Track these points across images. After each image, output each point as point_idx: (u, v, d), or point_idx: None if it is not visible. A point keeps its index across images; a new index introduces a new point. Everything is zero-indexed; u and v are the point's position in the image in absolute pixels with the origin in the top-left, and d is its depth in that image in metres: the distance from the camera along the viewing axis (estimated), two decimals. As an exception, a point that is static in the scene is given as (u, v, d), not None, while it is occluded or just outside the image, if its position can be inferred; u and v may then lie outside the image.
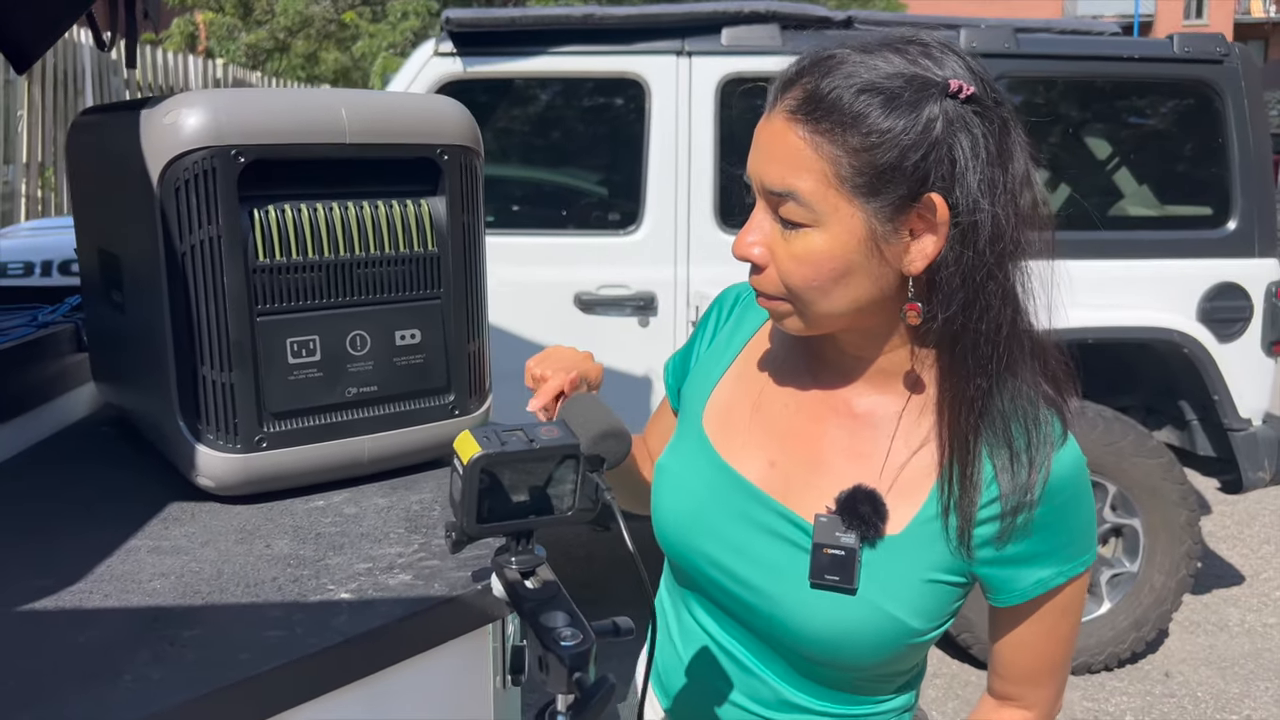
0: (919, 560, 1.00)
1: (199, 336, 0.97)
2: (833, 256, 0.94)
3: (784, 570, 1.02)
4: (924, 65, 0.91)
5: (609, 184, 3.60)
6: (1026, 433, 0.97)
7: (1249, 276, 3.40)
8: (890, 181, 0.91)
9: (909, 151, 0.90)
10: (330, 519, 0.99)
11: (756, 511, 1.04)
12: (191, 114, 0.94)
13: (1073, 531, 1.01)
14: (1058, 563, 1.01)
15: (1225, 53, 3.40)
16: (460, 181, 1.08)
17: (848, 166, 0.91)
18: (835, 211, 0.93)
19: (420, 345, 1.08)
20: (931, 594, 1.00)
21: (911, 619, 0.99)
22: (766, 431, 1.08)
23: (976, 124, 0.91)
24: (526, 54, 3.29)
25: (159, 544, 0.93)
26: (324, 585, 0.84)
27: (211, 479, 1.00)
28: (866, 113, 0.90)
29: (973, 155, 0.91)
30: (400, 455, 1.09)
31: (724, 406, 1.13)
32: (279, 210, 0.99)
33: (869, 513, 0.98)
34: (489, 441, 0.76)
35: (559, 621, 0.75)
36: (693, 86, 3.29)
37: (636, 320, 3.29)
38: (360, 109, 1.01)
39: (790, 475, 1.06)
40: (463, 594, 0.83)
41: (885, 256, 0.94)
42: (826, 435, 1.06)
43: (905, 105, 0.90)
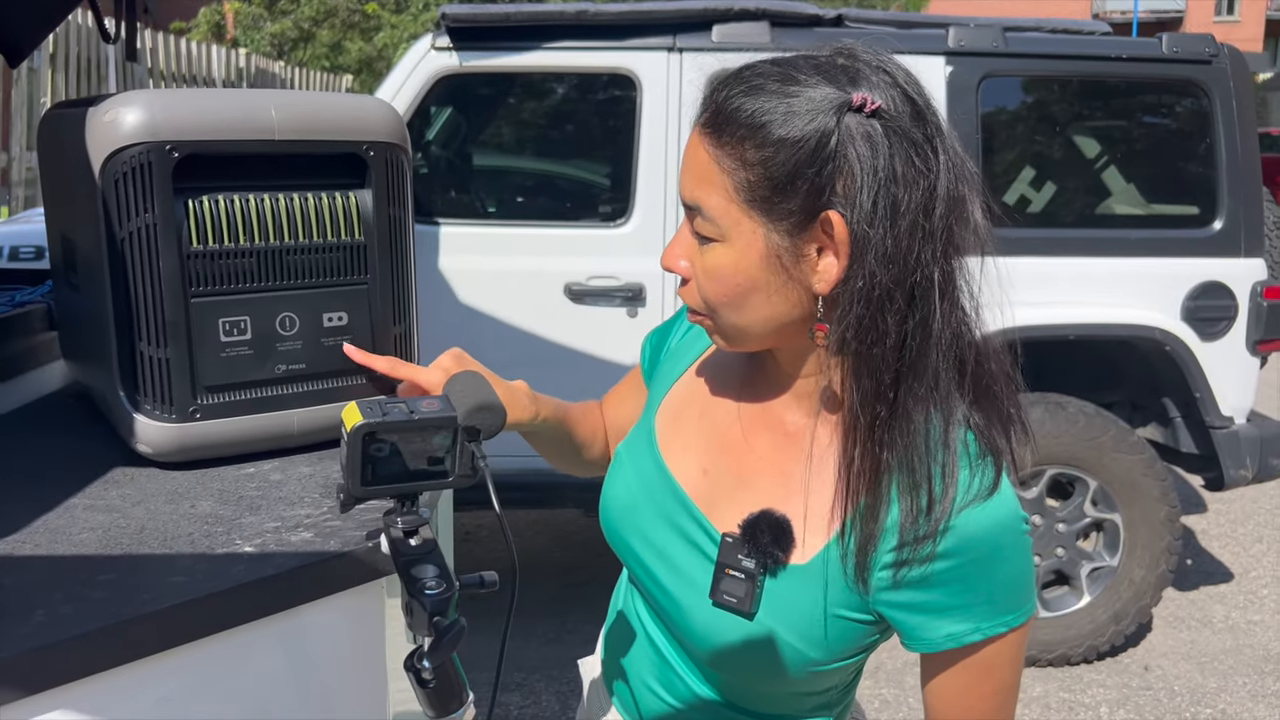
0: (822, 594, 0.97)
1: (137, 316, 1.06)
2: (737, 271, 0.93)
3: (693, 580, 1.02)
4: (838, 80, 0.89)
5: (600, 176, 3.68)
6: (935, 476, 0.93)
7: (1234, 276, 3.43)
8: (785, 196, 0.89)
9: (803, 166, 0.88)
10: (255, 484, 1.08)
11: (680, 517, 1.06)
12: (129, 112, 1.03)
13: (992, 589, 0.96)
14: (974, 619, 0.96)
15: (1214, 53, 3.42)
16: (386, 176, 1.16)
17: (744, 180, 0.90)
18: (737, 226, 0.92)
19: (347, 327, 1.16)
20: (833, 628, 0.98)
21: (810, 649, 0.98)
22: (707, 438, 1.08)
23: (880, 140, 0.88)
24: (521, 49, 3.37)
25: (94, 502, 1.02)
26: (232, 540, 0.93)
27: (149, 446, 1.09)
28: (763, 123, 0.88)
29: (870, 173, 0.88)
30: (328, 428, 1.17)
31: (676, 406, 1.14)
32: (212, 200, 1.08)
33: (768, 542, 0.97)
34: (371, 412, 0.85)
35: (428, 574, 0.83)
36: (684, 82, 3.36)
37: (625, 311, 3.37)
38: (289, 108, 1.10)
39: (718, 486, 1.06)
40: (354, 550, 0.91)
41: (791, 275, 0.93)
42: (756, 450, 1.05)
43: (802, 116, 0.88)
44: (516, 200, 3.61)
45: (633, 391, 1.30)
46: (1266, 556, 4.32)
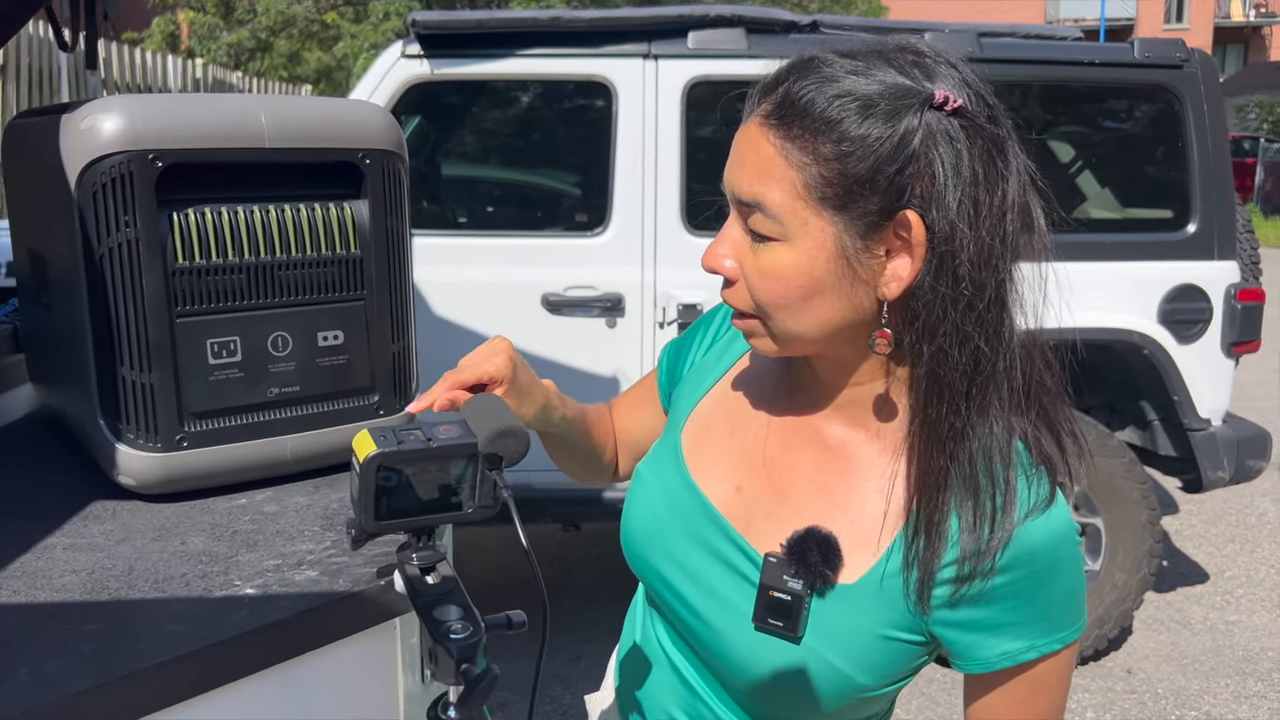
0: (872, 614, 0.93)
1: (118, 338, 0.98)
2: (800, 273, 0.88)
3: (732, 605, 0.97)
4: (913, 75, 0.85)
5: (576, 185, 3.62)
6: (995, 488, 0.89)
7: (1209, 279, 3.44)
8: (862, 194, 0.84)
9: (884, 163, 0.83)
10: (249, 517, 1.00)
11: (714, 537, 1.00)
12: (108, 119, 0.96)
13: (1048, 604, 0.93)
14: (1029, 636, 0.93)
15: (1185, 58, 3.44)
16: (383, 185, 1.09)
17: (818, 177, 0.85)
18: (804, 225, 0.87)
19: (343, 346, 1.09)
20: (883, 650, 0.94)
21: (858, 674, 0.94)
22: (739, 455, 1.03)
23: (962, 140, 0.84)
24: (494, 56, 3.31)
25: (75, 541, 0.94)
26: (230, 581, 0.86)
27: (132, 477, 1.01)
28: (841, 118, 0.84)
29: (954, 173, 0.84)
30: (324, 454, 1.10)
31: (703, 423, 1.08)
32: (198, 213, 1.01)
33: (817, 561, 0.92)
34: (385, 440, 0.78)
35: (451, 615, 0.76)
36: (659, 89, 3.31)
37: (604, 321, 3.32)
38: (280, 114, 1.03)
39: (754, 504, 1.01)
40: (365, 589, 0.84)
41: (858, 277, 0.88)
42: (796, 465, 1.00)
43: (882, 114, 0.84)
44: (491, 210, 3.54)
45: (645, 401, 1.24)
46: (1240, 556, 4.35)
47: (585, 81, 3.36)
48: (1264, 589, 4.06)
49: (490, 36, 3.30)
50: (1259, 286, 3.54)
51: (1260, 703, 3.25)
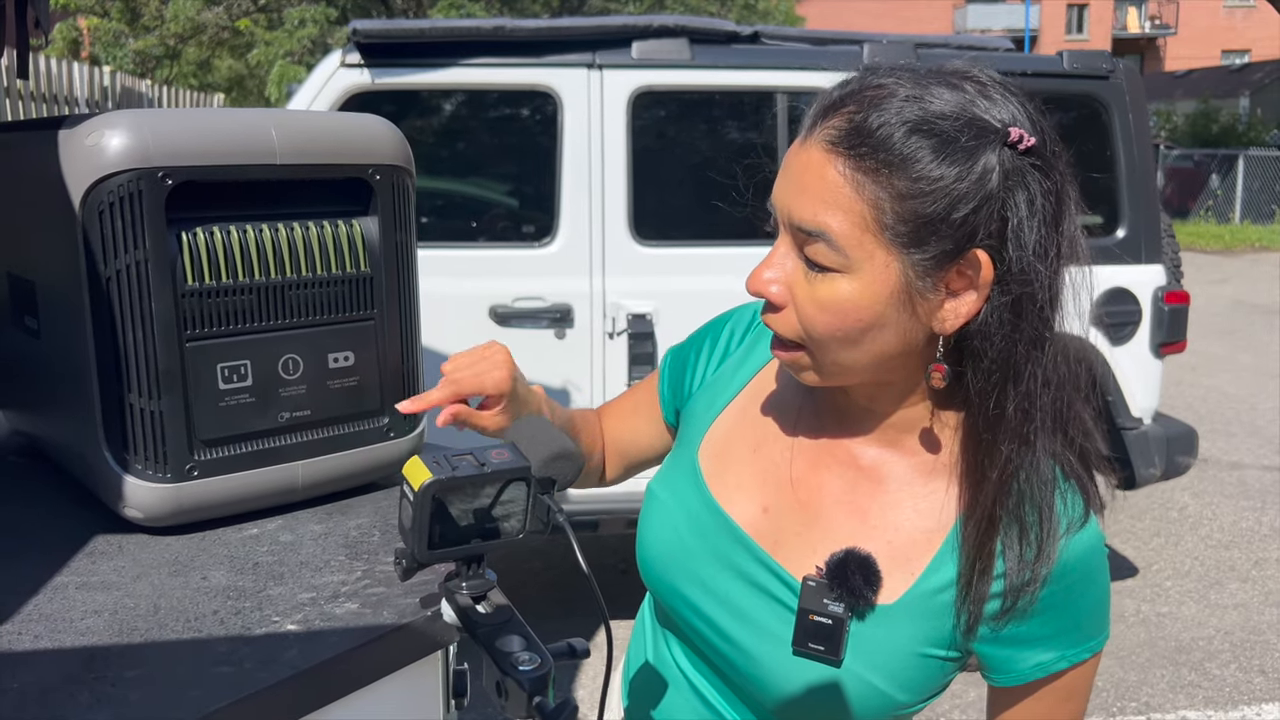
0: (911, 633, 0.93)
1: (126, 364, 0.94)
2: (860, 307, 0.86)
3: (767, 630, 0.96)
4: (981, 106, 0.84)
5: (523, 196, 3.59)
6: (1039, 510, 0.90)
7: (1137, 282, 3.56)
8: (935, 233, 0.84)
9: (959, 203, 0.83)
10: (266, 547, 0.96)
11: (743, 561, 0.99)
12: (115, 135, 0.91)
13: (1080, 615, 0.94)
14: (1061, 646, 0.94)
15: (1111, 69, 3.56)
16: (393, 201, 1.06)
17: (890, 212, 0.84)
18: (870, 259, 0.85)
19: (354, 368, 1.06)
20: (921, 668, 0.94)
21: (898, 693, 0.94)
22: (763, 475, 1.02)
23: (1035, 179, 0.84)
24: (437, 66, 3.26)
25: (87, 580, 0.89)
26: (268, 617, 0.82)
27: (140, 510, 0.96)
28: (917, 155, 0.83)
29: (1029, 214, 0.83)
30: (335, 480, 1.07)
31: (722, 441, 1.07)
32: (207, 233, 0.97)
33: (859, 584, 0.92)
34: (439, 467, 0.76)
35: (515, 646, 0.74)
36: (604, 99, 3.31)
37: (553, 333, 3.29)
38: (291, 129, 0.99)
39: (783, 525, 1.00)
40: (412, 621, 0.82)
41: (917, 312, 0.87)
42: (826, 486, 1.00)
43: (960, 151, 0.82)
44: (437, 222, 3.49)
45: (641, 409, 1.22)
46: (1165, 550, 4.50)
47: (530, 91, 3.34)
48: (1190, 580, 4.22)
49: (432, 46, 3.26)
50: (1183, 289, 3.68)
51: (1195, 691, 3.37)
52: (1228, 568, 4.30)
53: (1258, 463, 5.60)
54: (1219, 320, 9.42)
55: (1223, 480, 5.31)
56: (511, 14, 12.34)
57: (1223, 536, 4.62)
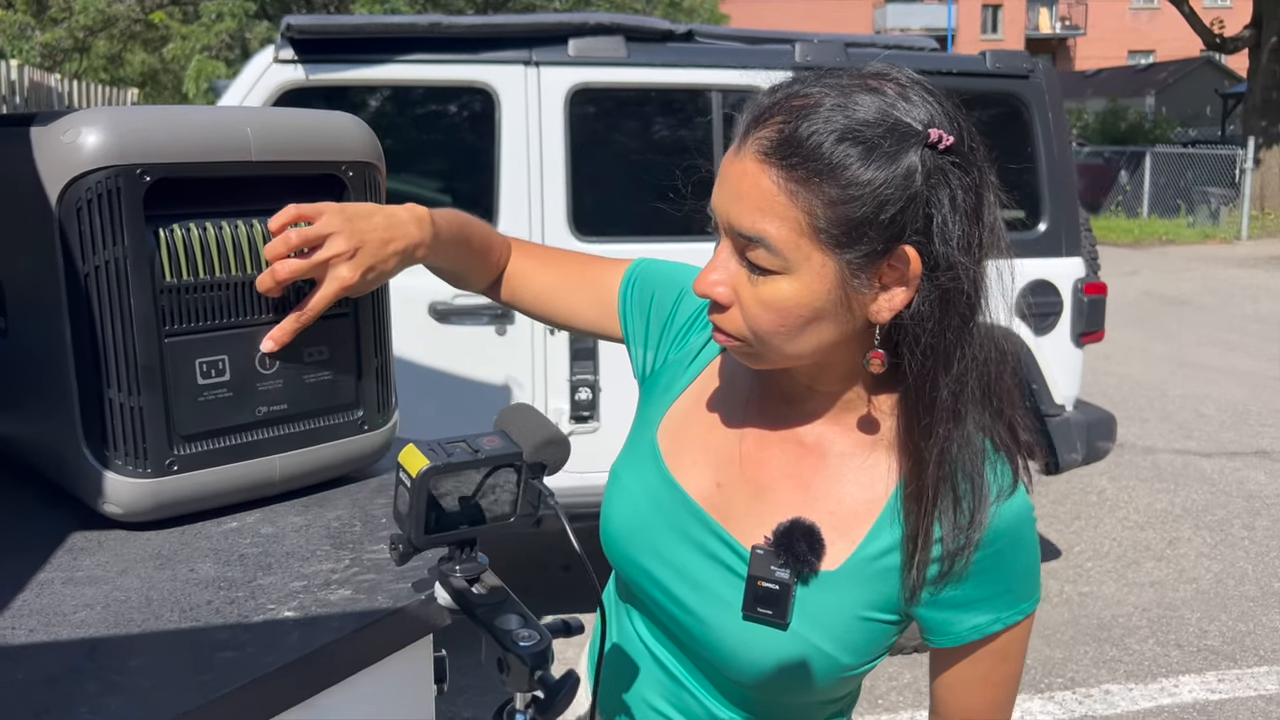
0: (854, 598, 0.99)
1: (105, 360, 0.94)
2: (800, 305, 0.92)
3: (719, 596, 1.01)
4: (902, 109, 0.89)
5: (461, 194, 3.59)
6: (971, 480, 0.96)
7: (1058, 274, 3.70)
8: (866, 234, 0.89)
9: (886, 205, 0.88)
10: (249, 540, 0.98)
11: (698, 532, 1.04)
12: (92, 132, 0.91)
13: (1011, 578, 1.00)
14: (995, 609, 1.00)
15: (1031, 68, 3.69)
16: (365, 198, 1.08)
17: (823, 217, 0.88)
18: (807, 260, 0.90)
19: (328, 362, 1.07)
20: (864, 630, 1.00)
21: (843, 655, 0.99)
22: (716, 452, 1.07)
23: (955, 176, 0.89)
24: (372, 62, 3.24)
25: (71, 575, 0.90)
26: (263, 605, 0.83)
27: (120, 506, 0.97)
28: (845, 163, 0.87)
29: (950, 210, 0.89)
30: (311, 473, 1.08)
31: (680, 422, 1.12)
32: (184, 229, 0.97)
33: (804, 550, 0.97)
34: (435, 454, 0.78)
35: (513, 624, 0.77)
36: (542, 96, 3.32)
37: (494, 329, 3.30)
38: (266, 127, 1.00)
39: (734, 498, 1.05)
40: (407, 605, 0.84)
41: (852, 305, 0.93)
42: (772, 461, 1.05)
43: (884, 156, 0.87)
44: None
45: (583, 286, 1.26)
46: (1085, 532, 4.68)
47: (467, 88, 3.34)
48: (1109, 561, 4.39)
49: (368, 42, 3.24)
50: (1101, 280, 3.83)
51: (1117, 666, 3.52)
52: (1144, 548, 4.49)
53: (1169, 447, 5.84)
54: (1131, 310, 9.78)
55: (1138, 464, 5.54)
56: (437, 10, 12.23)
57: (1139, 518, 4.82)
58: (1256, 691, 3.36)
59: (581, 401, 3.34)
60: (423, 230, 1.10)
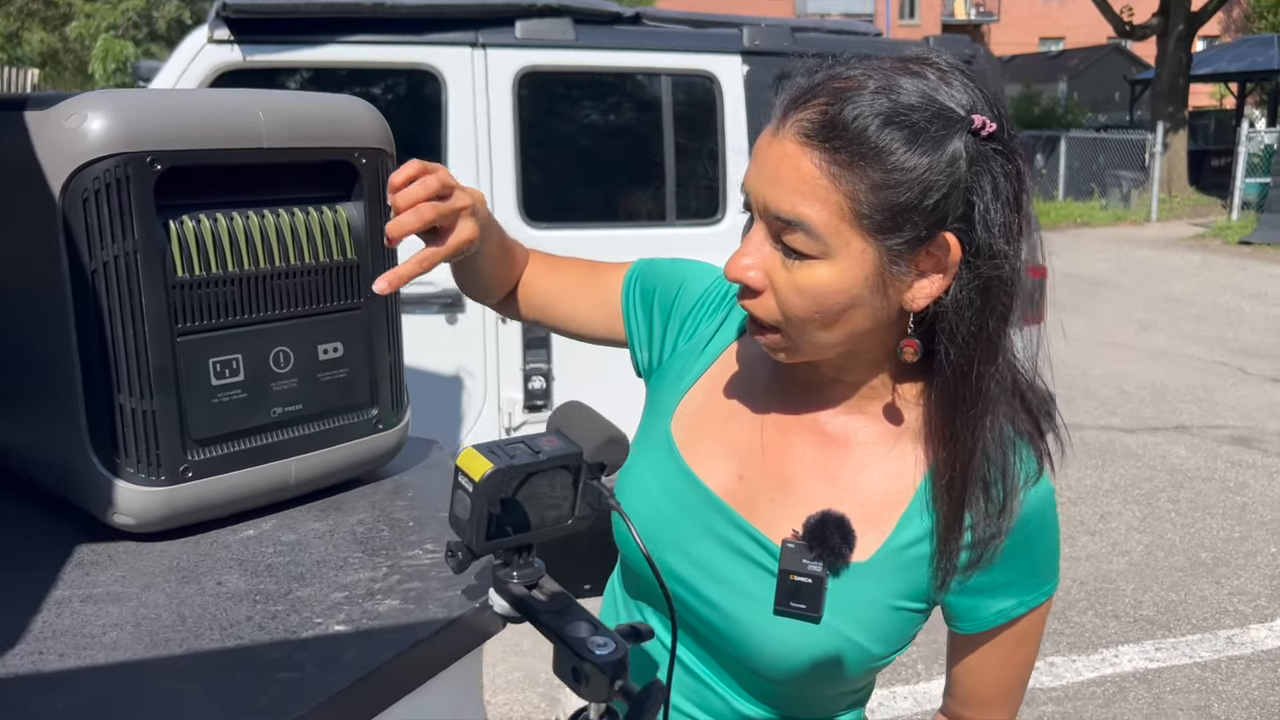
0: (885, 588, 0.98)
1: (115, 362, 0.88)
2: (837, 291, 0.90)
3: (748, 592, 0.99)
4: (944, 94, 0.87)
5: (407, 179, 3.50)
6: (1000, 468, 0.96)
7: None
8: (908, 220, 0.87)
9: (930, 190, 0.86)
10: (271, 548, 0.93)
11: (721, 526, 1.02)
12: (98, 117, 0.85)
13: (1036, 562, 1.01)
14: (1020, 593, 1.00)
15: (972, 54, 3.73)
16: (377, 185, 1.03)
17: (865, 202, 0.87)
18: (846, 246, 0.88)
19: (343, 359, 1.02)
20: (894, 620, 0.99)
21: (874, 645, 0.98)
22: (735, 444, 1.05)
23: (997, 163, 0.88)
24: (312, 43, 3.14)
25: (89, 592, 0.84)
26: (309, 620, 0.79)
27: (132, 516, 0.91)
28: (890, 147, 0.85)
29: (993, 197, 0.88)
30: (326, 475, 1.03)
31: (694, 413, 1.09)
32: (194, 221, 0.91)
33: (838, 542, 0.95)
34: (497, 457, 0.74)
35: (584, 631, 0.74)
36: (489, 79, 3.26)
37: (444, 318, 3.23)
38: (277, 111, 0.95)
39: (757, 491, 1.03)
40: (463, 614, 0.80)
41: (888, 292, 0.91)
42: (796, 453, 1.03)
43: (930, 140, 0.85)
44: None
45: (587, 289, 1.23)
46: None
47: (412, 70, 3.26)
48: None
49: (308, 22, 3.13)
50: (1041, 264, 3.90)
51: (1059, 638, 3.61)
52: (1078, 523, 4.61)
53: (1095, 423, 6.01)
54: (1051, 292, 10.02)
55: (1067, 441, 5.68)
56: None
57: (1071, 494, 4.95)
58: (1191, 659, 3.48)
59: (535, 390, 3.30)
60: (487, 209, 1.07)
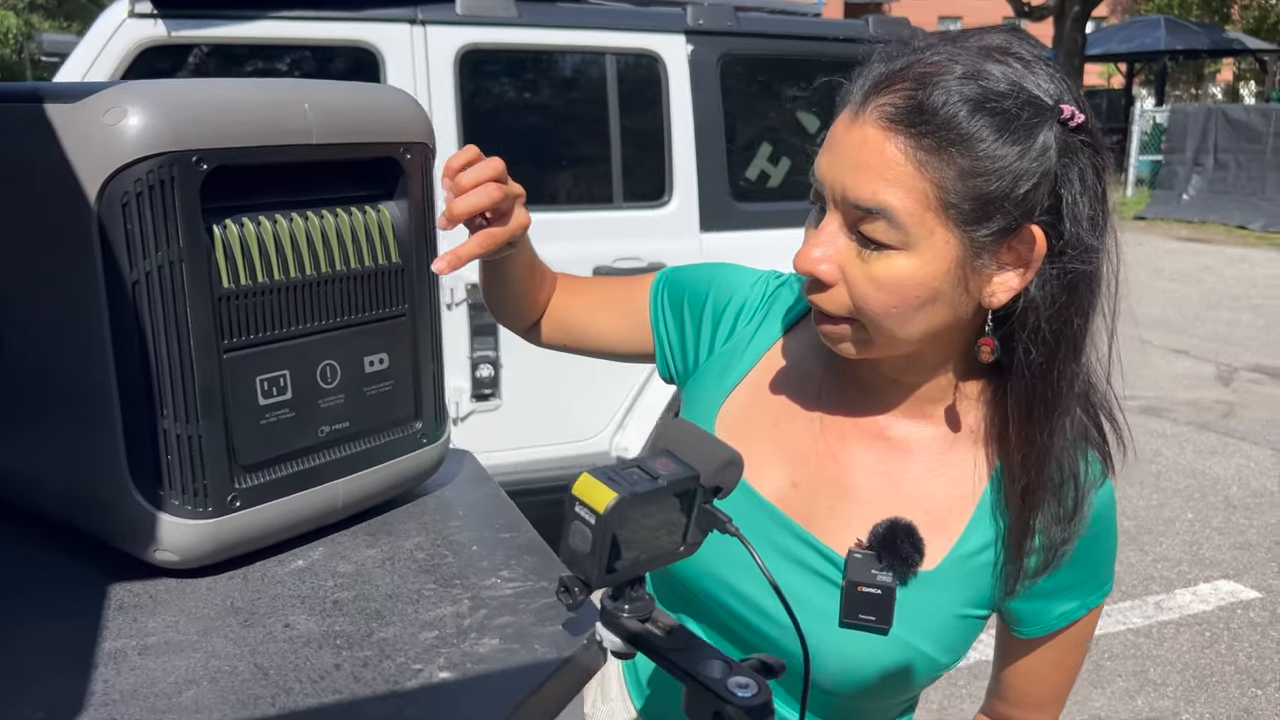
0: (952, 596, 0.96)
1: (159, 384, 0.79)
2: (918, 284, 0.86)
3: (810, 605, 0.96)
4: (1031, 82, 0.85)
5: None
6: (1077, 483, 0.94)
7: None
8: (998, 210, 0.84)
9: (1021, 180, 0.83)
10: (331, 582, 0.85)
11: (780, 537, 0.98)
12: (140, 111, 0.75)
13: (1099, 564, 1.00)
14: (1082, 595, 1.00)
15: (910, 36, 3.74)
16: (420, 184, 0.96)
17: (953, 191, 0.83)
18: (929, 236, 0.85)
19: (389, 371, 0.95)
20: (960, 629, 0.97)
21: (941, 654, 0.97)
22: (787, 449, 1.01)
23: (1085, 155, 0.86)
24: (242, 17, 2.98)
25: (143, 642, 0.75)
26: (407, 665, 0.72)
27: (176, 553, 0.82)
28: (981, 134, 0.82)
29: (1081, 190, 0.85)
30: (373, 495, 0.95)
31: (739, 416, 1.04)
32: (239, 225, 0.83)
33: (910, 551, 0.93)
34: (618, 484, 0.69)
35: (719, 671, 0.69)
36: (429, 57, 3.14)
37: (388, 306, 3.12)
38: (322, 104, 0.86)
39: (814, 499, 0.99)
40: (575, 654, 0.74)
41: (969, 286, 0.88)
42: (855, 459, 1.00)
43: (1021, 129, 0.83)
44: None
45: (614, 303, 1.20)
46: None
47: (348, 47, 3.12)
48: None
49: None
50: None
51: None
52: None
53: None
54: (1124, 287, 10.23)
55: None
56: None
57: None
58: (1125, 625, 3.60)
59: (483, 379, 3.21)
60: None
